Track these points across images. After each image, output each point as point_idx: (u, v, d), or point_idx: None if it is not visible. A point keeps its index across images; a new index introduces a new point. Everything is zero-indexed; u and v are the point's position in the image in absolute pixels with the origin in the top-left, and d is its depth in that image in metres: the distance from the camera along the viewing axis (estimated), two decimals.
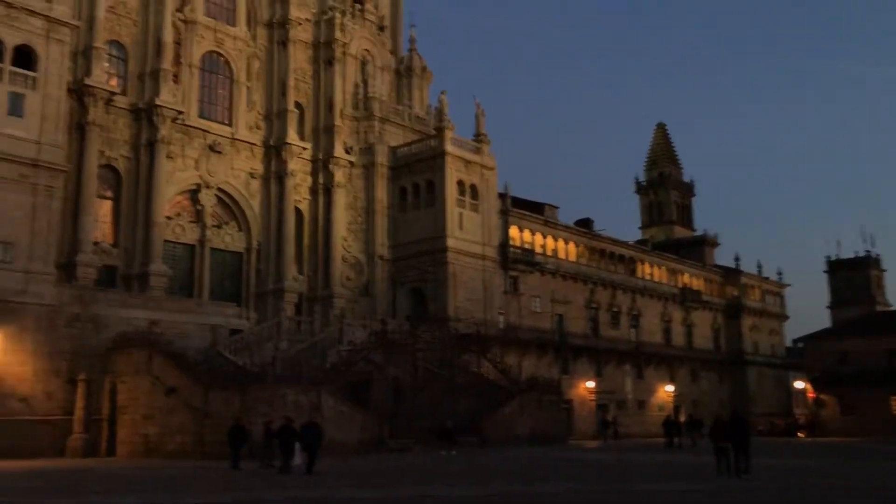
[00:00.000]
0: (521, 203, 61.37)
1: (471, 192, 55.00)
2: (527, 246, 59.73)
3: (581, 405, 60.24)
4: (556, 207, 64.90)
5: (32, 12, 35.98)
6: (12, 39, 35.25)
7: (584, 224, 68.78)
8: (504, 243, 57.27)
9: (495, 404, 43.24)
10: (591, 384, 60.99)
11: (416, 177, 54.82)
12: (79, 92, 42.40)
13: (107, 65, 45.04)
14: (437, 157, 53.65)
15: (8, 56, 35.03)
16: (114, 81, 45.70)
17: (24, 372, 34.32)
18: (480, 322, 51.91)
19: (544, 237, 61.95)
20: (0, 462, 29.80)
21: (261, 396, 32.44)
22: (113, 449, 35.33)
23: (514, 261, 57.71)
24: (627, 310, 69.00)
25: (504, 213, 57.87)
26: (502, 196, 58.10)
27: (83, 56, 43.16)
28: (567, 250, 64.10)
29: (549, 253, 61.97)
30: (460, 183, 54.32)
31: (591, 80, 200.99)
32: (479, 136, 56.30)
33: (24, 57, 35.74)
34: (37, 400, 34.53)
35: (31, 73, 35.83)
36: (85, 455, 34.09)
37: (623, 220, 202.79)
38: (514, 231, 59.06)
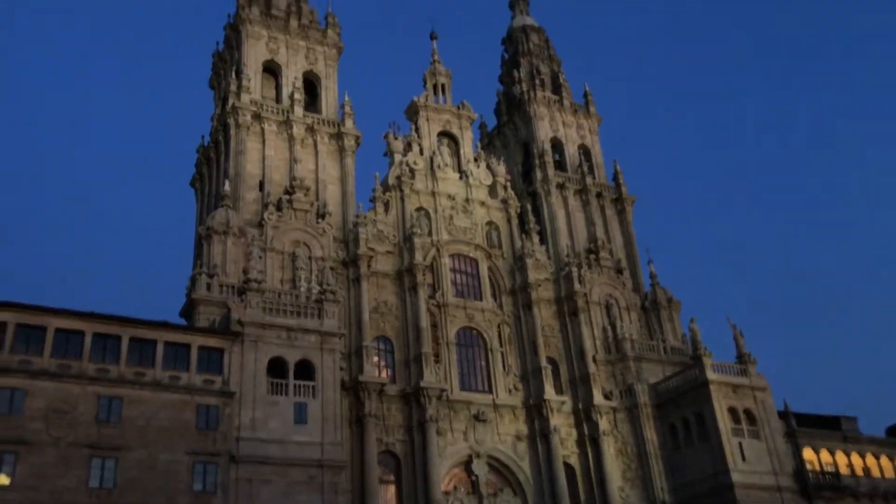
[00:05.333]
0: (809, 420, 55.69)
1: (746, 418, 51.34)
2: (828, 468, 53.22)
3: None
4: (854, 418, 57.94)
5: (307, 331, 42.16)
6: (293, 357, 41.26)
7: None
8: (799, 469, 51.56)
9: None
10: None
11: (684, 411, 52.56)
12: (354, 388, 47.52)
13: (376, 359, 50.37)
14: (699, 388, 51.46)
15: (291, 372, 40.78)
16: (384, 373, 50.66)
17: None
18: None
19: (847, 455, 54.91)
20: None
21: None
22: None
23: (816, 487, 51.29)
24: None
25: (790, 435, 52.77)
26: (784, 416, 53.37)
27: (355, 355, 48.83)
28: (881, 466, 55.95)
29: (858, 472, 54.51)
30: (732, 410, 51.10)
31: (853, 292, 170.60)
32: (741, 358, 53.52)
33: (303, 370, 41.38)
34: None
35: (310, 383, 41.17)
36: None
37: None
38: (808, 453, 53.24)
